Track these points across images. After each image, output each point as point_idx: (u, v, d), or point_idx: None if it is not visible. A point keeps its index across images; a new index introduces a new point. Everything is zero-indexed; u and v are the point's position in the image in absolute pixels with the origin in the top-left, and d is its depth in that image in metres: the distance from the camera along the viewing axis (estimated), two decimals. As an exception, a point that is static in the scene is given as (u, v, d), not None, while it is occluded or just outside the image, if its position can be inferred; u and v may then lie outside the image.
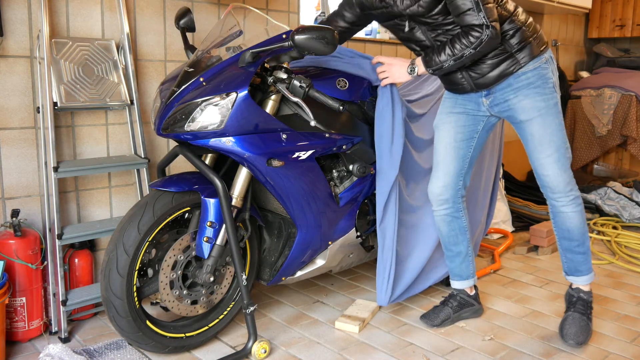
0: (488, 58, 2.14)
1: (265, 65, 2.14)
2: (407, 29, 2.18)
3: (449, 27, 2.10)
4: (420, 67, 2.17)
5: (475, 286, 2.54)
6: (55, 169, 2.23)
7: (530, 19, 2.19)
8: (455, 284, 2.51)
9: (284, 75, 2.02)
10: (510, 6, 2.15)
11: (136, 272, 1.99)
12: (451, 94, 2.33)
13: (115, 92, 2.42)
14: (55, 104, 2.25)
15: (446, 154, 2.33)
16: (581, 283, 2.37)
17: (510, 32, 2.12)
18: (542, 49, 2.16)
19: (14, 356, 2.15)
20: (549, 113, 2.16)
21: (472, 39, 2.01)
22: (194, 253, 2.10)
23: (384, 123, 2.31)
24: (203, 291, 2.16)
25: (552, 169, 2.19)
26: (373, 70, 2.37)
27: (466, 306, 2.49)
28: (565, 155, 2.20)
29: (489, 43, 2.01)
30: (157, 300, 2.12)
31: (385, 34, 3.74)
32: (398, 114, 2.33)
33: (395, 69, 2.24)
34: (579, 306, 2.35)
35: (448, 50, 2.06)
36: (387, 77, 2.27)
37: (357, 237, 2.45)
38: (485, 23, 1.98)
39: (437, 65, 2.09)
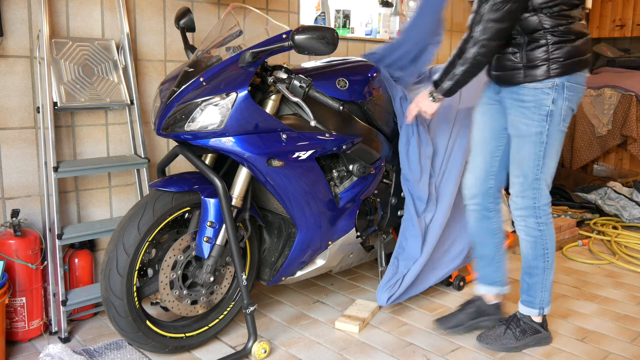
0: (501, 53, 2.04)
1: (265, 65, 2.14)
2: None
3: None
4: (438, 94, 2.06)
5: (501, 296, 2.37)
6: (55, 169, 2.23)
7: (569, 40, 1.96)
8: (479, 288, 2.36)
9: (284, 75, 2.02)
10: (548, 21, 1.94)
11: (136, 272, 1.99)
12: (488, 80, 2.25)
13: (115, 92, 2.42)
14: (55, 104, 2.25)
15: (476, 147, 2.26)
16: (521, 310, 2.25)
17: (532, 45, 1.98)
18: (556, 72, 1.96)
19: (14, 356, 2.15)
20: (527, 140, 2.04)
21: (458, 48, 1.96)
22: (194, 253, 2.10)
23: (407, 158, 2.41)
24: (203, 291, 2.16)
25: (514, 189, 2.13)
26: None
27: (484, 314, 2.33)
28: (532, 186, 2.07)
29: (476, 61, 1.92)
30: (157, 300, 2.12)
31: (385, 34, 3.73)
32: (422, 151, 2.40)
33: (420, 101, 2.13)
34: (507, 319, 2.25)
35: (445, 66, 2.00)
36: (411, 112, 2.19)
37: (357, 237, 2.45)
38: (474, 37, 1.90)
39: (438, 85, 2.03)
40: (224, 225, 2.06)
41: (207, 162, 2.19)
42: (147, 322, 2.04)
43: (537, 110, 2.01)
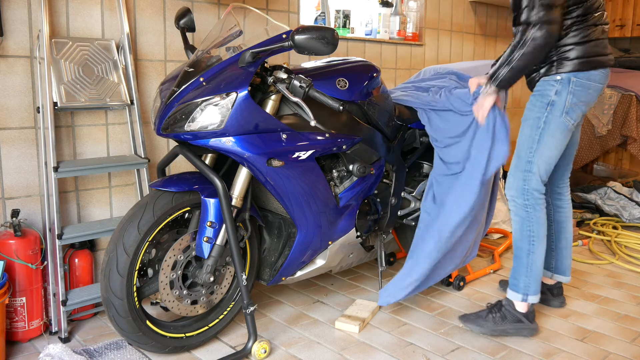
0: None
1: (265, 65, 2.14)
2: None
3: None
4: (490, 86, 2.21)
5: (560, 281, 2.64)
6: (55, 169, 2.23)
7: (577, 42, 2.14)
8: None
9: (284, 75, 2.02)
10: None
11: (136, 272, 1.99)
12: None
13: (115, 92, 2.42)
14: (55, 104, 2.25)
15: None
16: (508, 295, 2.36)
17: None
18: (562, 70, 2.15)
19: (14, 356, 2.15)
20: (527, 124, 2.24)
21: (517, 37, 2.06)
22: (194, 253, 2.10)
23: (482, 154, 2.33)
24: (203, 291, 2.16)
25: (510, 170, 2.32)
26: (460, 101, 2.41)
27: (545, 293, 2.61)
28: (524, 168, 2.24)
29: (535, 43, 2.01)
30: (157, 300, 2.12)
31: (385, 34, 3.73)
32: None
33: (480, 101, 2.28)
34: (492, 305, 2.38)
35: (502, 57, 2.14)
36: (478, 113, 2.30)
37: (357, 237, 2.45)
38: (533, 21, 1.99)
39: (494, 75, 2.16)
40: (224, 225, 2.06)
41: (207, 162, 2.19)
42: (147, 322, 2.05)
43: (541, 98, 2.21)
